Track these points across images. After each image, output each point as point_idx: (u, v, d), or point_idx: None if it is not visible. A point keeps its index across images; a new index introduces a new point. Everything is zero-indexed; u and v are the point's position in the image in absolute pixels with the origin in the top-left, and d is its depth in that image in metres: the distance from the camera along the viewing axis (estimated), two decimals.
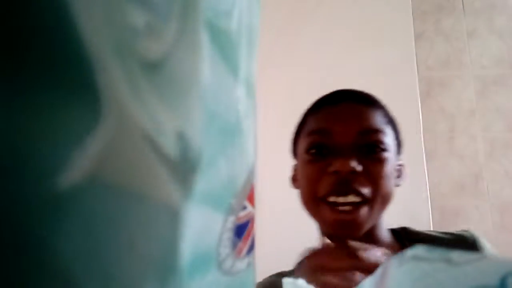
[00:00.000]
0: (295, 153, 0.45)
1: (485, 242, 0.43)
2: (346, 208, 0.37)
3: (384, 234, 0.42)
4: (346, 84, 0.53)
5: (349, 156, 0.37)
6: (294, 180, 0.45)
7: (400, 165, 0.43)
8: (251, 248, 0.14)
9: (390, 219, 0.52)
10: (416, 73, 0.62)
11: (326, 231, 0.41)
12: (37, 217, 0.07)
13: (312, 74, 0.58)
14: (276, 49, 0.56)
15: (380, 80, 0.59)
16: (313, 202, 0.39)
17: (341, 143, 0.38)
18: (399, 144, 0.42)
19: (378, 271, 0.15)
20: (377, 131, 0.39)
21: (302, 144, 0.42)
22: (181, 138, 0.10)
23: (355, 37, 0.60)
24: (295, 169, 0.45)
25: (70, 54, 0.07)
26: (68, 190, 0.07)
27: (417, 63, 0.64)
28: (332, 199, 0.37)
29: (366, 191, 0.37)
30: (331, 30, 0.59)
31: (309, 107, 0.46)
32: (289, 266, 0.49)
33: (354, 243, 0.30)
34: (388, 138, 0.40)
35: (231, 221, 0.12)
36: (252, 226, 0.14)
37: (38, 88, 0.07)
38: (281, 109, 0.55)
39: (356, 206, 0.37)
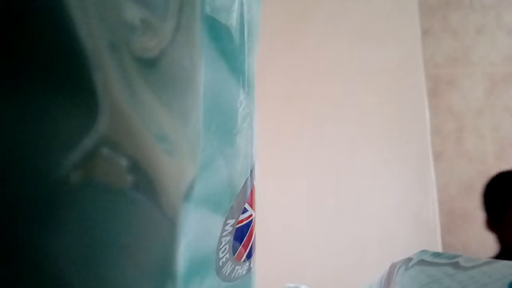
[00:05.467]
0: (495, 212, 0.45)
1: None
2: None
3: None
4: (349, 82, 0.52)
5: None
6: (505, 233, 0.45)
7: None
8: (251, 252, 0.13)
9: (396, 223, 0.51)
10: (423, 70, 0.61)
11: None
12: (30, 219, 0.07)
13: (314, 71, 0.57)
14: (276, 46, 0.55)
15: (385, 78, 0.58)
16: None
17: None
18: None
19: (384, 277, 0.14)
20: None
21: None
22: (178, 137, 0.10)
23: (358, 33, 0.59)
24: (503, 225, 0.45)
25: (66, 51, 0.07)
26: (63, 192, 0.07)
27: (423, 61, 0.62)
28: None
29: None
30: (334, 26, 0.58)
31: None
32: (289, 271, 0.49)
33: None
34: None
35: (230, 225, 0.12)
36: (253, 230, 0.13)
37: (33, 86, 0.07)
38: (282, 108, 0.54)
39: None
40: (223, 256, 0.12)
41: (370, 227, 0.52)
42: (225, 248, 0.12)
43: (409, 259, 0.14)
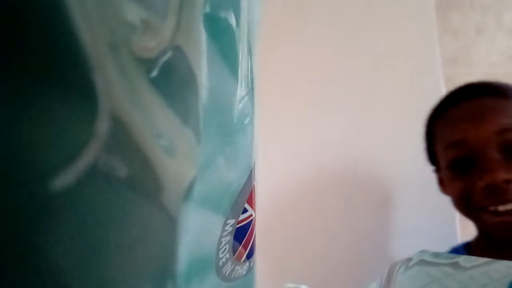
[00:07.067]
0: (432, 160, 0.44)
1: None
2: (508, 209, 0.36)
3: None
4: (358, 63, 0.50)
5: (495, 165, 0.35)
6: (442, 185, 0.44)
7: None
8: (252, 252, 0.13)
9: (414, 223, 0.50)
10: (438, 49, 0.58)
11: (487, 232, 0.40)
12: (29, 220, 0.07)
13: (319, 52, 0.54)
14: (280, 23, 0.52)
15: (396, 60, 0.55)
16: (471, 211, 0.39)
17: (481, 151, 0.36)
18: None
19: (384, 277, 0.14)
20: None
21: (442, 158, 0.41)
22: (178, 137, 0.10)
23: (369, 9, 0.56)
24: (440, 175, 0.43)
25: (65, 51, 0.07)
26: (62, 193, 0.07)
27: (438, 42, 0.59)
28: (491, 208, 0.37)
29: None
30: (332, 23, 0.57)
31: (432, 111, 0.44)
32: (290, 271, 0.49)
33: None
34: None
35: (230, 225, 0.12)
36: (253, 230, 0.13)
37: (32, 87, 0.07)
38: (285, 93, 0.52)
39: None
40: (223, 256, 0.12)
41: (375, 227, 0.51)
42: (225, 248, 0.12)
43: (409, 259, 0.14)
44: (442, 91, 0.56)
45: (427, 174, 0.46)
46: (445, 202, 0.43)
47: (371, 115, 0.54)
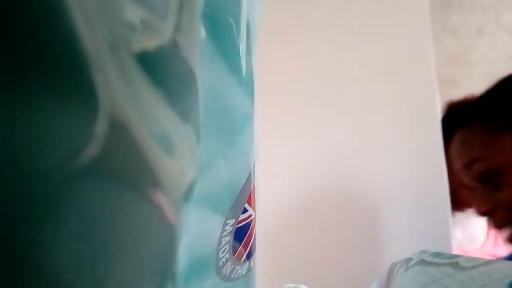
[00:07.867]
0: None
1: None
2: None
3: None
4: (352, 81, 0.51)
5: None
6: None
7: None
8: (252, 252, 0.13)
9: (408, 223, 0.51)
10: (433, 52, 0.59)
11: None
12: (30, 219, 0.07)
13: (316, 60, 0.55)
14: (278, 31, 0.53)
15: (391, 66, 0.55)
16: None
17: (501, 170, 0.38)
18: None
19: (384, 277, 0.14)
20: None
21: (463, 175, 0.42)
22: (178, 137, 0.10)
23: (364, 15, 0.56)
24: None
25: (66, 52, 0.07)
26: (63, 192, 0.07)
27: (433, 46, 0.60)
28: None
29: None
30: (338, 11, 0.57)
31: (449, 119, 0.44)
32: (290, 271, 0.49)
33: None
34: None
35: (230, 225, 0.12)
36: (253, 230, 0.13)
37: (33, 87, 0.07)
38: (282, 100, 0.53)
39: None
40: (223, 256, 0.12)
41: (375, 228, 0.51)
42: (225, 248, 0.12)
43: (409, 259, 0.14)
44: (436, 98, 0.56)
45: (424, 177, 0.46)
46: (440, 206, 0.43)
47: (368, 121, 0.54)
